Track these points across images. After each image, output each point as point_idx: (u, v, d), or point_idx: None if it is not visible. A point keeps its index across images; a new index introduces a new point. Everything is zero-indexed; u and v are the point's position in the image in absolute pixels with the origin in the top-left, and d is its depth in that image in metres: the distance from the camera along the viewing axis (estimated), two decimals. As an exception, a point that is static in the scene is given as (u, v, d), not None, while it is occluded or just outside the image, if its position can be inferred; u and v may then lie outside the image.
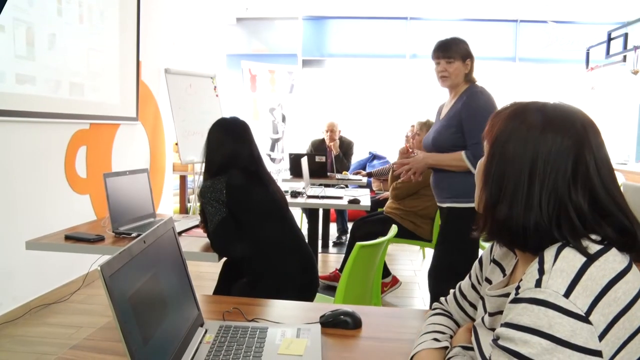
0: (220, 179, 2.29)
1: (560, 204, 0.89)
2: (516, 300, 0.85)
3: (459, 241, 2.37)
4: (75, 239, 2.50)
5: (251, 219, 2.30)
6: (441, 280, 2.66)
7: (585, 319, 0.78)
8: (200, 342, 1.27)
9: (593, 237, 0.87)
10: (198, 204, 2.43)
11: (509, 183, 0.92)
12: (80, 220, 3.13)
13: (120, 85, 4.61)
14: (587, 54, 7.17)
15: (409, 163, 2.73)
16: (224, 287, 2.62)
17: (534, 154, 0.91)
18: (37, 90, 3.57)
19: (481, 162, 1.03)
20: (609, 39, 6.74)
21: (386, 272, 4.07)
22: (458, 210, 2.60)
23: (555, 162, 0.90)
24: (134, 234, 2.55)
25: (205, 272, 4.38)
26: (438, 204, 2.78)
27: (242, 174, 2.33)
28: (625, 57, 6.72)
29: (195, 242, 2.51)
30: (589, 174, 0.90)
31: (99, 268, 0.91)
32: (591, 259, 0.83)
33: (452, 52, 2.65)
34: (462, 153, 2.55)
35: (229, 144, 2.39)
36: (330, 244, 5.76)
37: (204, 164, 2.44)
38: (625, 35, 6.37)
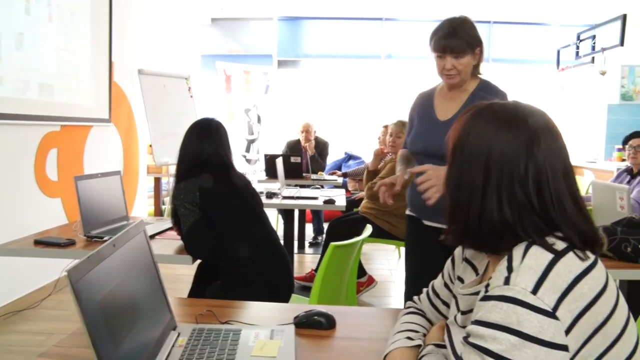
0: (193, 181, 2.27)
1: (519, 203, 0.90)
2: (486, 298, 0.87)
3: None
4: (45, 243, 2.45)
5: (225, 220, 2.29)
6: None
7: (552, 314, 0.80)
8: (173, 346, 1.26)
9: (558, 234, 0.89)
10: (170, 206, 2.41)
11: (466, 186, 0.94)
12: (51, 224, 3.07)
13: (92, 86, 4.54)
14: (558, 54, 7.29)
15: (430, 176, 1.80)
16: (198, 289, 2.60)
17: (488, 155, 0.92)
18: (4, 91, 3.49)
19: (445, 170, 1.03)
20: (578, 41, 6.87)
21: (362, 271, 4.08)
22: None
23: (509, 163, 0.91)
24: (106, 238, 2.51)
25: (182, 275, 4.34)
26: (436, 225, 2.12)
27: (216, 175, 2.32)
28: (593, 58, 6.86)
29: (169, 244, 2.49)
30: (539, 175, 0.91)
31: (66, 273, 0.89)
32: (558, 255, 0.85)
33: (462, 43, 2.05)
34: None
35: (202, 145, 2.38)
36: (307, 244, 5.76)
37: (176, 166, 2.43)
38: (593, 37, 6.50)
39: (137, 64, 5.40)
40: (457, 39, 2.04)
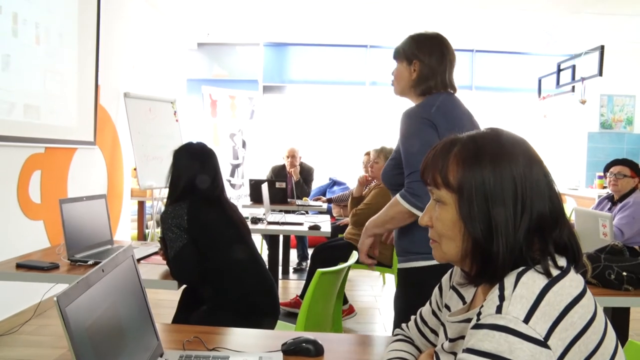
0: (181, 205, 2.27)
1: (541, 224, 0.93)
2: (477, 327, 0.87)
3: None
4: (27, 267, 2.41)
5: (212, 245, 2.28)
6: None
7: (544, 343, 0.80)
8: (160, 373, 1.24)
9: (560, 261, 0.91)
10: (153, 230, 2.40)
11: (499, 217, 0.92)
12: (33, 247, 3.03)
13: (78, 108, 4.53)
14: (539, 83, 7.44)
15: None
16: (183, 315, 2.57)
17: (512, 181, 0.92)
18: (-11, 113, 3.47)
19: (444, 212, 0.99)
20: (559, 70, 7.03)
21: (344, 299, 4.07)
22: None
23: (531, 184, 0.93)
24: (90, 262, 2.48)
25: (164, 300, 4.28)
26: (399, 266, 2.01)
27: (204, 200, 2.32)
28: (573, 87, 7.01)
29: (154, 269, 2.46)
30: (553, 188, 0.95)
31: (55, 299, 0.88)
32: (550, 283, 0.86)
33: (397, 49, 2.14)
34: (397, 196, 1.86)
35: (194, 169, 2.37)
36: (291, 270, 5.72)
37: (167, 188, 2.42)
38: (573, 67, 6.66)
39: (123, 87, 5.40)
40: (398, 45, 2.12)
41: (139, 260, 2.63)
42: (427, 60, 2.02)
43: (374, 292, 5.00)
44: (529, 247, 0.92)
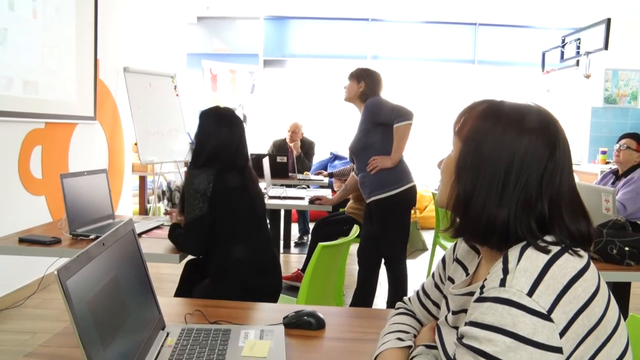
0: (209, 171, 2.22)
1: (529, 203, 0.91)
2: (481, 300, 0.87)
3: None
4: (30, 241, 2.41)
5: (226, 217, 2.25)
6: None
7: (547, 317, 0.80)
8: (162, 346, 1.25)
9: (548, 238, 0.90)
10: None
11: (484, 180, 0.93)
12: (35, 222, 3.03)
13: (77, 83, 4.49)
14: (543, 57, 7.36)
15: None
16: (185, 288, 2.58)
17: (511, 154, 0.92)
18: (-12, 87, 3.44)
19: (450, 158, 1.03)
20: (563, 44, 6.94)
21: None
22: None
23: (531, 163, 0.91)
24: (92, 236, 2.48)
25: (166, 274, 4.31)
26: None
27: (230, 169, 2.28)
28: (578, 61, 6.94)
29: (155, 243, 2.47)
30: (553, 176, 0.92)
31: (55, 272, 0.88)
32: (553, 258, 0.86)
33: (350, 73, 3.49)
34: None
35: (221, 135, 2.32)
36: (292, 244, 5.75)
37: (191, 152, 2.38)
38: (578, 41, 6.57)
39: (122, 62, 5.35)
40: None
41: (140, 234, 2.63)
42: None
43: (376, 266, 5.00)
44: (526, 223, 0.91)
